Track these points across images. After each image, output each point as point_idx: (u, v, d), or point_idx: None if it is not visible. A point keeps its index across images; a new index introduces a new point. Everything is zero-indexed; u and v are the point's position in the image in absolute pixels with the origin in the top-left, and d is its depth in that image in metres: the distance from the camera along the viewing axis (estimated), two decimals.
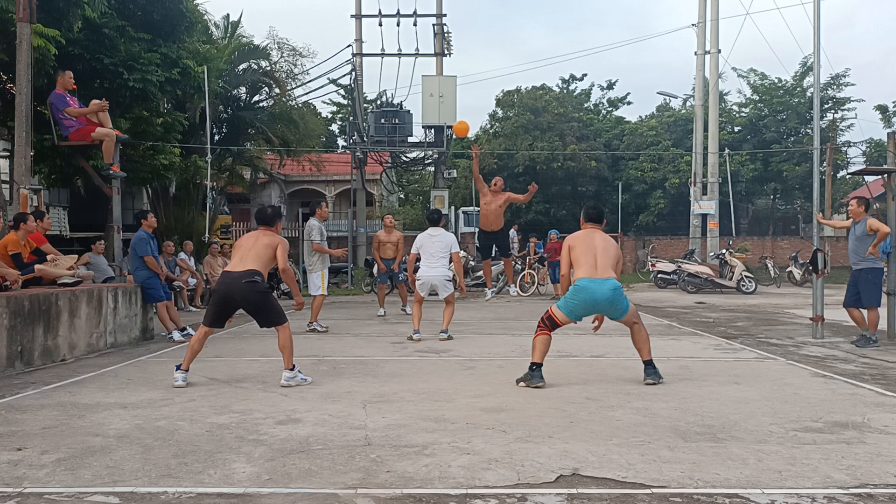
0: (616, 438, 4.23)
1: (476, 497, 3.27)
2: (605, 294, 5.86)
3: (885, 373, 6.60)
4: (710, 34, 23.69)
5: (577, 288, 5.91)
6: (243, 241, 6.33)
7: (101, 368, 6.99)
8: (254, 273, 6.02)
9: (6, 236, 8.06)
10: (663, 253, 24.75)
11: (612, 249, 6.11)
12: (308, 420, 4.72)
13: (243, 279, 5.98)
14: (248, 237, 6.36)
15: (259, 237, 6.28)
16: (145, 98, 13.98)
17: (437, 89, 24.66)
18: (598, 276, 5.90)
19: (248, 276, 6.00)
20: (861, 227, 8.52)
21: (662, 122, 35.64)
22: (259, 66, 23.77)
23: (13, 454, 3.97)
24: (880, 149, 28.61)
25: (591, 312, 6.11)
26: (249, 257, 6.11)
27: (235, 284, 5.99)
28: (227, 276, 6.12)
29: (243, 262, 6.08)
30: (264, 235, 6.30)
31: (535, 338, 6.01)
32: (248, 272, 6.01)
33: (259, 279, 6.03)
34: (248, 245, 6.22)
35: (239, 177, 25.25)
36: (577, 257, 6.03)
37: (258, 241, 6.22)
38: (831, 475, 3.57)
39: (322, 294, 10.36)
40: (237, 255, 6.18)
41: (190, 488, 3.39)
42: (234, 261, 6.16)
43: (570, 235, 6.37)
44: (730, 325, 10.91)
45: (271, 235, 6.31)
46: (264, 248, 6.17)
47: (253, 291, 5.99)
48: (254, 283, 5.98)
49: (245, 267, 6.03)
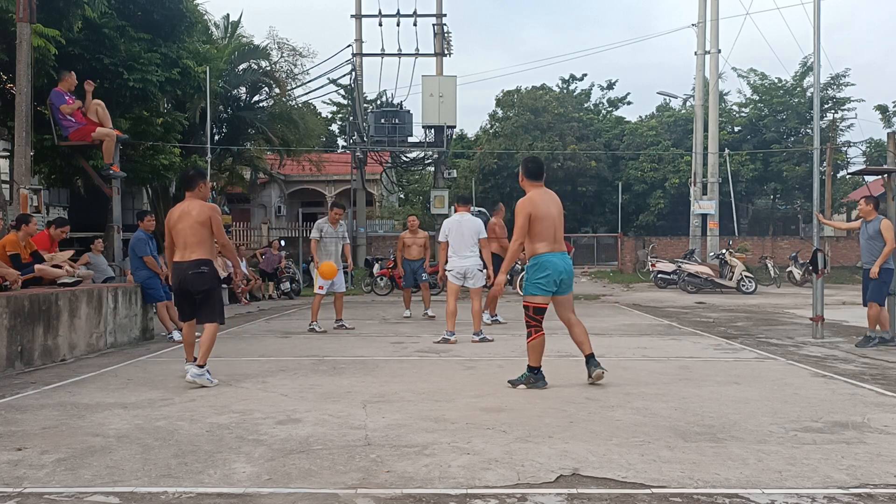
0: (616, 438, 4.23)
1: (476, 497, 3.27)
2: (567, 267, 5.80)
3: (885, 373, 6.60)
4: (710, 34, 23.70)
5: (543, 263, 5.71)
6: (177, 222, 6.03)
7: (101, 368, 6.99)
8: (200, 263, 5.94)
9: (6, 237, 8.06)
10: (663, 253, 24.75)
11: (563, 221, 5.94)
12: (308, 420, 4.72)
13: (190, 270, 5.93)
14: (178, 213, 6.07)
15: (189, 211, 6.02)
16: (145, 98, 13.99)
17: (437, 89, 24.68)
18: (558, 249, 5.77)
19: (195, 266, 5.94)
20: (874, 226, 8.41)
21: (662, 122, 35.66)
22: (259, 66, 23.80)
23: (13, 454, 3.97)
24: (880, 149, 28.62)
25: (554, 289, 5.79)
26: (192, 243, 5.97)
27: (185, 276, 5.96)
28: (177, 267, 6.04)
29: (189, 251, 5.97)
30: (193, 207, 6.04)
31: (532, 341, 5.77)
32: (194, 262, 5.94)
33: (206, 269, 5.97)
34: (183, 227, 5.99)
35: (239, 177, 25.29)
36: (541, 230, 5.72)
37: (190, 217, 5.99)
38: (831, 475, 3.57)
39: (318, 294, 10.14)
40: (179, 241, 6.02)
41: (190, 488, 3.39)
42: (179, 248, 6.03)
43: (526, 199, 5.79)
44: (730, 325, 10.90)
45: (199, 205, 6.05)
46: (201, 227, 5.97)
47: (201, 282, 5.95)
48: (201, 274, 5.94)
49: (192, 256, 5.94)
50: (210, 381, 5.90)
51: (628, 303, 15.59)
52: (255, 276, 17.34)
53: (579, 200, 33.86)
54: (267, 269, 17.80)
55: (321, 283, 10.07)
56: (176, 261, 6.04)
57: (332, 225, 10.21)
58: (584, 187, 33.22)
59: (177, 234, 6.02)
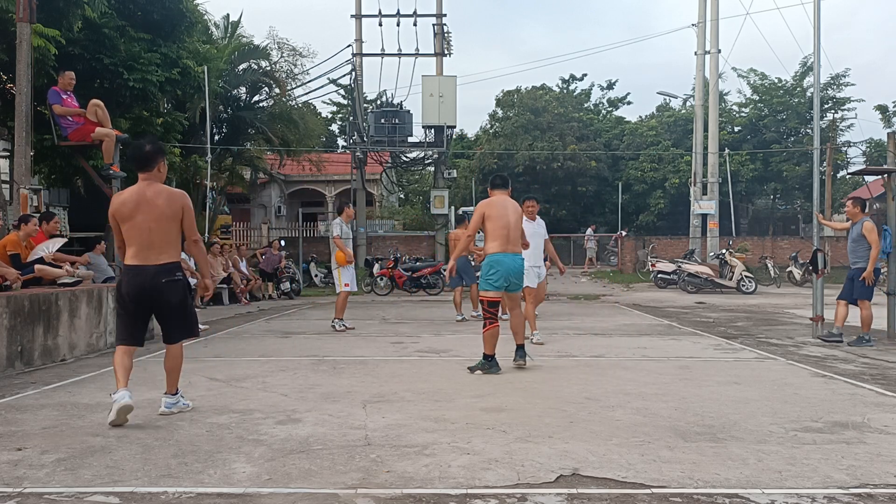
0: (616, 438, 4.23)
1: (476, 497, 3.27)
2: (517, 267, 6.51)
3: (885, 373, 6.60)
4: (710, 34, 23.69)
5: (493, 261, 6.40)
6: (133, 213, 4.64)
7: (101, 368, 6.98)
8: (173, 268, 4.72)
9: (6, 237, 8.06)
10: (663, 253, 24.73)
11: (520, 226, 6.66)
12: (308, 420, 4.72)
13: (162, 277, 4.65)
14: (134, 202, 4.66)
15: (152, 200, 4.66)
16: (145, 98, 13.99)
17: (437, 89, 24.68)
18: (510, 250, 6.46)
19: (167, 272, 4.67)
20: (858, 229, 8.57)
21: (662, 122, 35.66)
22: (259, 66, 23.79)
23: (13, 454, 3.97)
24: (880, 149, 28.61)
25: (504, 284, 6.50)
26: (159, 243, 4.67)
27: (152, 285, 4.63)
28: (138, 273, 4.63)
29: (156, 252, 4.66)
30: (158, 194, 4.69)
31: (487, 332, 6.38)
32: (166, 268, 4.67)
33: (181, 276, 4.78)
34: (145, 220, 4.64)
35: (239, 177, 25.28)
36: (492, 230, 6.42)
37: (155, 208, 4.65)
38: (831, 475, 3.57)
39: (344, 291, 10.13)
40: (138, 239, 4.63)
41: (190, 488, 3.39)
42: (136, 247, 4.64)
43: (484, 201, 6.63)
44: (730, 325, 10.90)
45: (167, 193, 4.74)
46: (170, 222, 4.70)
47: (176, 294, 4.73)
48: (175, 282, 4.72)
49: (159, 259, 4.66)
50: (185, 406, 4.99)
51: (628, 303, 15.58)
52: (255, 276, 17.34)
53: (579, 200, 33.85)
54: (267, 269, 17.80)
55: (347, 280, 10.11)
56: (134, 264, 4.64)
57: (346, 223, 10.41)
58: (584, 187, 33.21)
59: (134, 229, 4.65)
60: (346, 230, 10.37)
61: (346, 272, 10.15)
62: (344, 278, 10.13)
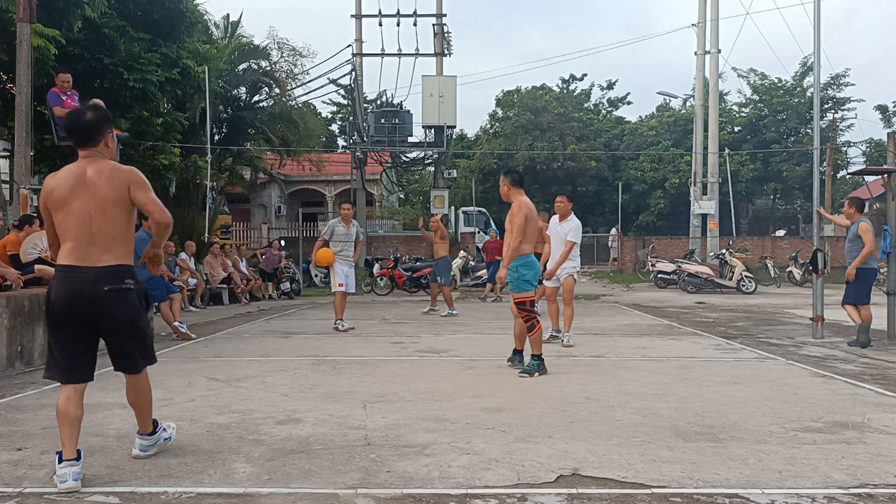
0: (616, 438, 4.23)
1: (476, 497, 3.27)
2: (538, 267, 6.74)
3: (885, 373, 6.60)
4: (710, 34, 23.70)
5: (530, 261, 6.54)
6: (68, 199, 3.49)
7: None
8: (121, 273, 3.53)
9: (6, 236, 8.06)
10: (663, 253, 24.74)
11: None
12: (308, 420, 4.71)
13: (103, 284, 3.47)
14: (71, 184, 3.51)
15: (92, 181, 3.50)
16: (145, 98, 13.99)
17: (437, 89, 24.70)
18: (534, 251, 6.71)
19: (112, 277, 3.49)
20: (854, 229, 8.59)
21: (662, 122, 35.68)
22: (259, 66, 23.79)
23: (13, 454, 3.97)
24: (880, 149, 28.62)
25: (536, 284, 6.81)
26: (102, 236, 3.49)
27: (90, 292, 3.45)
28: (70, 275, 3.47)
29: (95, 248, 3.48)
30: (99, 173, 3.53)
31: (536, 333, 6.37)
32: (109, 271, 3.49)
33: (131, 284, 3.56)
34: (83, 207, 3.48)
35: (239, 177, 25.27)
36: (530, 233, 6.53)
37: (97, 191, 3.50)
38: (831, 475, 3.57)
39: (338, 291, 9.94)
40: (74, 231, 3.47)
41: (190, 488, 3.39)
42: (72, 242, 3.48)
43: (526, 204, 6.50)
44: (730, 325, 10.90)
45: (111, 170, 3.57)
46: (114, 209, 3.52)
47: (124, 307, 3.54)
48: (122, 292, 3.52)
49: (102, 259, 3.48)
50: (168, 440, 4.01)
51: (628, 303, 15.58)
52: (255, 276, 17.35)
53: (579, 200, 33.82)
54: (267, 269, 17.80)
55: (340, 280, 9.91)
56: (67, 265, 3.48)
57: (346, 224, 10.02)
58: (584, 187, 33.23)
59: (69, 219, 3.49)
60: (342, 230, 9.98)
61: (339, 272, 9.92)
62: (338, 278, 9.94)
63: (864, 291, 8.57)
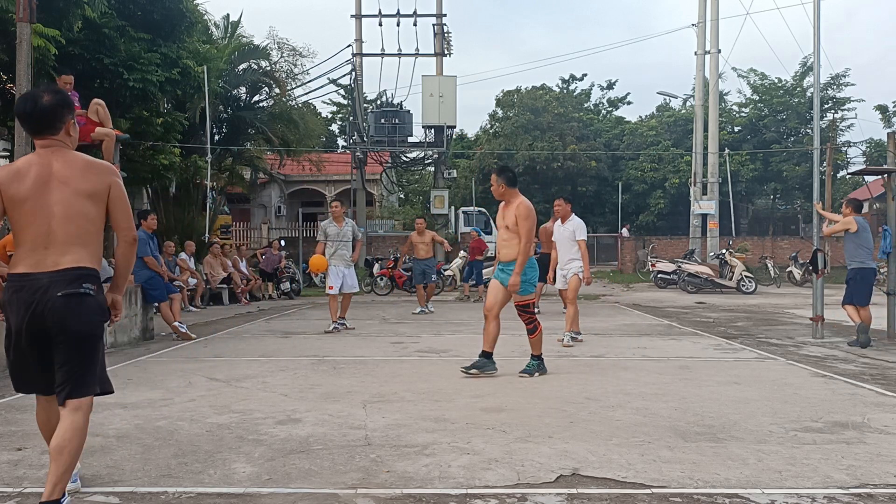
0: (616, 438, 4.23)
1: (476, 497, 3.27)
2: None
3: (885, 373, 6.60)
4: (710, 34, 23.70)
5: (532, 262, 6.49)
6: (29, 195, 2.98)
7: None
8: (81, 277, 3.00)
9: (6, 237, 8.05)
10: (663, 253, 24.74)
11: None
12: (308, 420, 4.72)
13: (57, 289, 2.95)
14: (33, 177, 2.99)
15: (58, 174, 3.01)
16: (145, 98, 13.98)
17: (437, 89, 24.70)
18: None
19: (68, 281, 2.97)
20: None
21: (662, 122, 35.67)
22: (259, 66, 23.79)
23: (13, 454, 3.97)
24: (880, 149, 28.61)
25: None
26: (62, 236, 2.99)
27: (44, 301, 2.94)
28: (20, 285, 2.97)
29: (53, 249, 2.98)
30: (65, 163, 3.04)
31: (538, 335, 6.38)
32: (66, 275, 2.97)
33: (91, 289, 3.03)
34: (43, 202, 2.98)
35: (239, 177, 25.26)
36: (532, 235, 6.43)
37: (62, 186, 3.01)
38: (831, 475, 3.57)
39: (329, 294, 10.07)
40: (32, 232, 2.99)
41: (190, 488, 3.39)
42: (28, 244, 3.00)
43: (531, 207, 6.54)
44: (730, 325, 10.90)
45: (83, 163, 3.09)
46: (84, 204, 3.03)
47: (78, 314, 2.98)
48: (80, 297, 2.99)
49: (60, 261, 2.98)
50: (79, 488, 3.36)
51: (628, 303, 15.58)
52: (255, 276, 17.35)
53: (579, 200, 33.82)
54: (267, 269, 17.81)
55: (331, 283, 10.01)
56: (19, 273, 2.98)
57: (338, 223, 10.02)
58: (584, 187, 33.23)
59: (28, 217, 2.99)
60: (333, 230, 9.96)
61: (333, 274, 9.97)
62: (329, 280, 10.07)
63: (865, 292, 8.57)
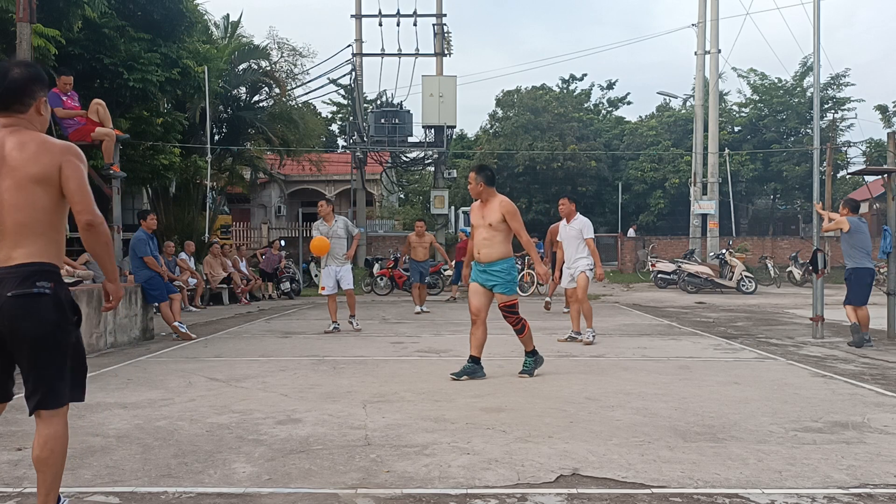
0: (616, 438, 4.23)
1: (476, 497, 3.27)
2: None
3: (885, 373, 6.60)
4: (710, 34, 23.70)
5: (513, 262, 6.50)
6: None
7: (101, 368, 6.98)
8: (34, 274, 2.68)
9: None
10: (663, 253, 24.74)
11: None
12: (308, 420, 4.72)
13: (7, 288, 2.65)
14: None
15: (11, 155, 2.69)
16: (145, 98, 13.99)
17: (437, 89, 24.71)
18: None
19: (21, 279, 2.67)
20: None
21: (662, 122, 35.64)
22: (259, 66, 23.78)
23: (13, 454, 3.97)
24: (880, 149, 28.58)
25: None
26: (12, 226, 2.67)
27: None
28: None
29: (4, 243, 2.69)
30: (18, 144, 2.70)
31: (527, 332, 6.40)
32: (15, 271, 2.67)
33: (45, 287, 2.69)
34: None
35: (239, 177, 25.26)
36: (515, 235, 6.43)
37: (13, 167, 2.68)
38: (831, 475, 3.57)
39: (324, 294, 10.05)
40: None
41: (190, 488, 3.39)
42: None
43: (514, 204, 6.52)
44: (730, 325, 10.90)
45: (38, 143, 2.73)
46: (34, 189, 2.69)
47: (33, 316, 2.68)
48: (34, 298, 2.67)
49: (12, 256, 2.68)
50: None
51: (628, 303, 15.59)
52: (255, 276, 17.35)
53: (579, 200, 33.68)
54: (267, 269, 17.81)
55: (323, 283, 10.01)
56: None
57: (327, 222, 10.00)
58: (584, 187, 33.19)
59: None
60: (323, 230, 9.93)
61: (325, 274, 9.97)
62: (321, 281, 10.10)
63: (863, 292, 8.56)
